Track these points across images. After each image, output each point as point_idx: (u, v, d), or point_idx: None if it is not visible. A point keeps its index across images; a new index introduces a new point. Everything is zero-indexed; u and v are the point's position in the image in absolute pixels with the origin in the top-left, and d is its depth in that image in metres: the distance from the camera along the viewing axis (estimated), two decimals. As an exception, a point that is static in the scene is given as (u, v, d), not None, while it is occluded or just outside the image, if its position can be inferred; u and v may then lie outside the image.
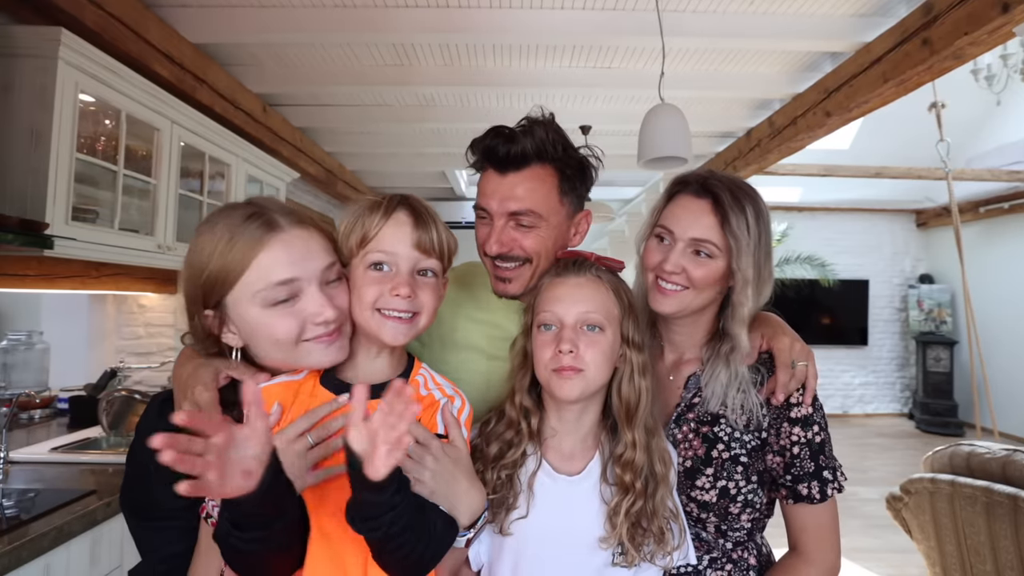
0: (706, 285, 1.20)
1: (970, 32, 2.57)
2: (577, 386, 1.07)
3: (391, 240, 1.00)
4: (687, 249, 1.20)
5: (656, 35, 2.95)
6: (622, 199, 8.19)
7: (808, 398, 1.19)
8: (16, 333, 2.40)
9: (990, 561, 2.32)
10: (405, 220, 1.01)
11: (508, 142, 1.23)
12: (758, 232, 1.19)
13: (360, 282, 1.01)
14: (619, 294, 1.13)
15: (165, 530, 1.02)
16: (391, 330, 1.00)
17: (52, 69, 2.25)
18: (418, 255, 1.02)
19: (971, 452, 2.44)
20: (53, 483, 2.05)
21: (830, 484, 1.17)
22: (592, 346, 1.08)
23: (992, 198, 7.55)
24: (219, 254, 0.96)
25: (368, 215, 1.02)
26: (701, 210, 1.20)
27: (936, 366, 8.32)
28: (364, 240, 1.01)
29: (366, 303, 1.00)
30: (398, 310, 0.99)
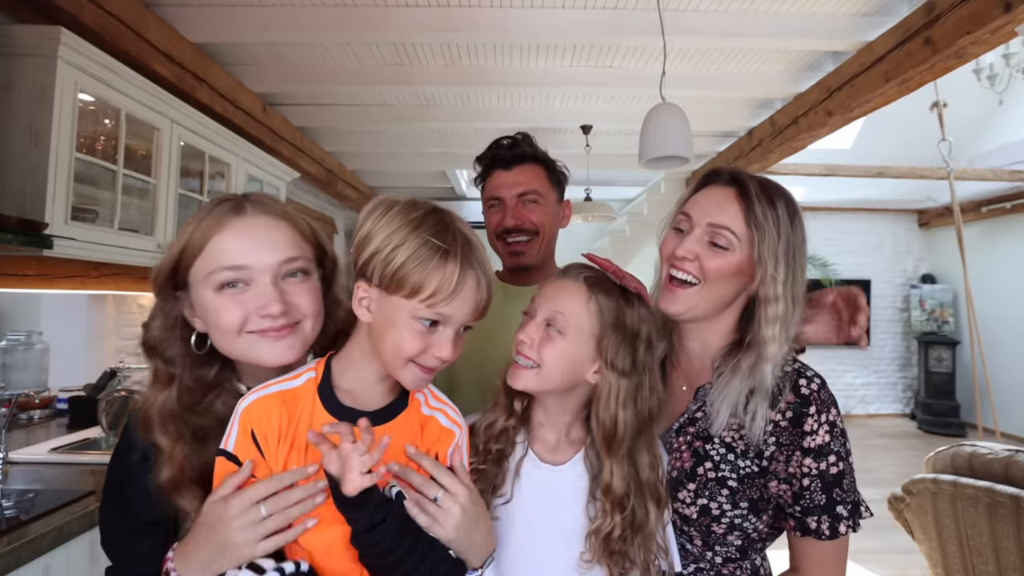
0: (719, 278, 1.12)
1: (972, 31, 2.57)
2: (528, 379, 1.08)
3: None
4: (704, 236, 1.13)
5: (657, 34, 2.95)
6: (623, 199, 8.19)
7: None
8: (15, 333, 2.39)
9: (992, 562, 2.31)
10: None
11: (512, 147, 1.65)
12: (790, 230, 1.12)
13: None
14: (604, 311, 1.07)
15: (137, 543, 0.99)
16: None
17: (52, 68, 2.24)
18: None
19: (973, 452, 2.44)
20: (53, 483, 2.04)
21: (843, 521, 1.07)
22: (549, 344, 1.07)
23: (994, 198, 7.53)
24: (187, 233, 0.97)
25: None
26: (725, 197, 1.14)
27: (938, 366, 8.30)
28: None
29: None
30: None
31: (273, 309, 0.96)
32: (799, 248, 1.13)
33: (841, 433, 1.11)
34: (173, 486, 0.93)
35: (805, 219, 1.17)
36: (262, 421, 0.92)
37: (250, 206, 0.99)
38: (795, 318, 1.13)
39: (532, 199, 1.62)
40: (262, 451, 0.92)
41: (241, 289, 0.96)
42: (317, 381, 0.97)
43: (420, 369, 0.93)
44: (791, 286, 1.11)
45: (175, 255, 0.97)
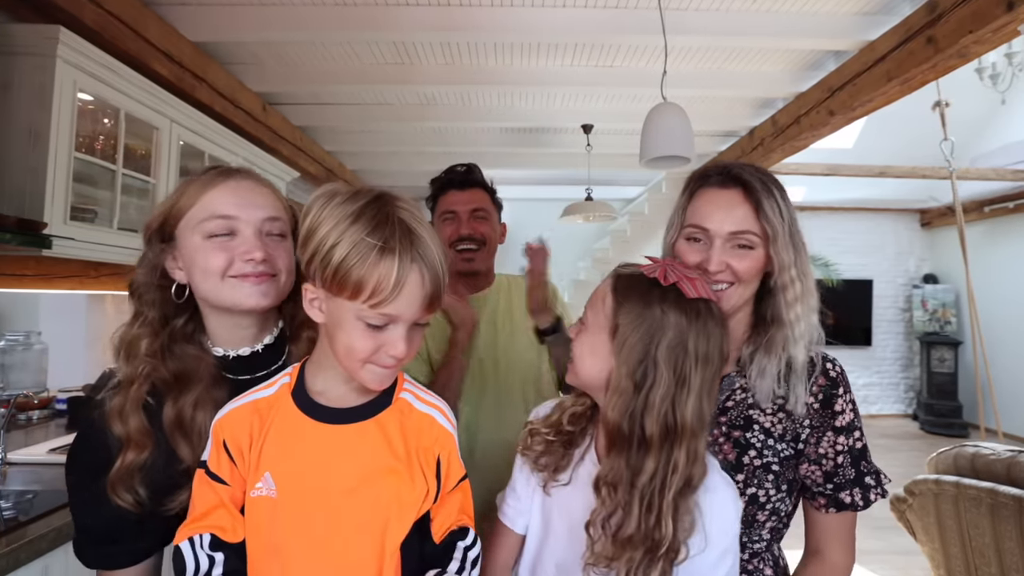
0: (752, 276, 1.16)
1: (975, 30, 2.56)
2: (575, 377, 1.07)
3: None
4: (726, 244, 1.14)
5: (658, 33, 2.94)
6: (624, 199, 8.18)
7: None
8: (14, 333, 2.38)
9: (995, 563, 2.31)
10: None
11: (467, 173, 1.92)
12: (789, 214, 1.15)
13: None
14: (622, 303, 1.01)
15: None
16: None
17: (51, 68, 2.24)
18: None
19: (975, 453, 2.43)
20: (51, 484, 2.02)
21: (872, 490, 1.15)
22: (577, 337, 1.06)
23: (997, 197, 7.51)
24: (179, 192, 1.08)
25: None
26: (732, 201, 1.15)
27: (940, 367, 8.29)
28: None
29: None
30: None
31: (256, 255, 1.04)
32: (796, 224, 1.17)
33: (857, 410, 1.19)
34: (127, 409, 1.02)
35: (806, 219, 1.23)
36: (234, 431, 0.94)
37: (237, 171, 1.11)
38: (811, 290, 1.17)
39: (482, 215, 1.88)
40: (234, 460, 0.93)
41: (228, 238, 1.05)
42: (291, 386, 0.98)
43: (379, 367, 0.90)
44: (800, 264, 1.15)
45: (166, 209, 1.07)
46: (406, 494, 0.94)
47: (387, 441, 0.95)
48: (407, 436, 0.97)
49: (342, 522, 0.91)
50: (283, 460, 0.92)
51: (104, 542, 1.05)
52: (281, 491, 0.90)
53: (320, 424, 0.94)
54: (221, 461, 0.93)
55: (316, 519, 0.91)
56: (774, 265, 1.14)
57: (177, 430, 1.03)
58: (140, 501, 1.01)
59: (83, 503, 1.05)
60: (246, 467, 0.92)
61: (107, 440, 1.02)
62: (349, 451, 0.93)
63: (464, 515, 1.02)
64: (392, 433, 0.96)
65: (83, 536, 1.07)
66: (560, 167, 6.04)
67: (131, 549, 1.05)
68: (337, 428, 0.94)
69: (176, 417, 1.03)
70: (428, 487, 0.96)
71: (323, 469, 0.92)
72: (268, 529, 0.91)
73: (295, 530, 0.90)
